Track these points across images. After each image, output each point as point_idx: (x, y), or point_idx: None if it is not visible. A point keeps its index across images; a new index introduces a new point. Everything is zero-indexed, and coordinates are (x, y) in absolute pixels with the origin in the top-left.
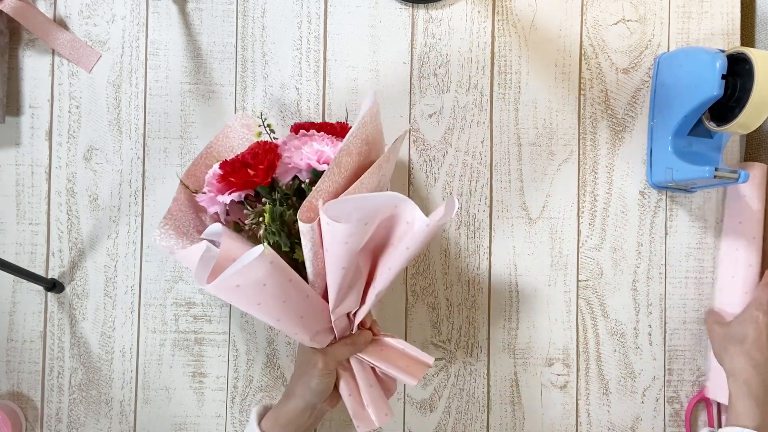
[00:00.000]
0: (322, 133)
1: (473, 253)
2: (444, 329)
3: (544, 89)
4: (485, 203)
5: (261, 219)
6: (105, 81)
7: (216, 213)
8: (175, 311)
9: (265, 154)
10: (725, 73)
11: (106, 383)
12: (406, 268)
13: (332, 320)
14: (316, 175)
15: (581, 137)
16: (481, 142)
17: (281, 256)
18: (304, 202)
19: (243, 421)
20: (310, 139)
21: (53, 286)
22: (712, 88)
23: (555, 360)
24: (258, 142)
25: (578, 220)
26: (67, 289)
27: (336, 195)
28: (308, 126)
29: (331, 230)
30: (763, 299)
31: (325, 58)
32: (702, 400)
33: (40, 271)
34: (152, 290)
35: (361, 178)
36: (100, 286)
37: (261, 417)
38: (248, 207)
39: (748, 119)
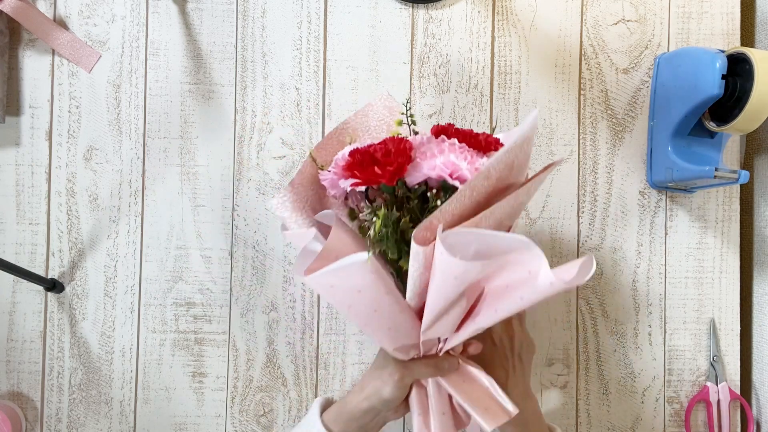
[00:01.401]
0: (463, 145)
1: None
2: None
3: (544, 89)
4: None
5: (374, 218)
6: (105, 81)
7: (335, 195)
8: (175, 311)
9: (397, 154)
10: (725, 73)
11: (106, 383)
12: None
13: (420, 340)
14: (444, 187)
15: (581, 137)
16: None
17: (386, 262)
18: (424, 221)
19: (243, 421)
20: (449, 149)
21: (53, 286)
22: (712, 88)
23: (555, 360)
24: (393, 136)
25: (578, 220)
26: (67, 289)
27: (461, 218)
28: (450, 131)
29: (443, 261)
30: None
31: (325, 58)
32: (702, 400)
33: (40, 271)
34: (152, 290)
35: (492, 208)
36: (100, 286)
37: (323, 408)
38: (367, 199)
39: (748, 119)
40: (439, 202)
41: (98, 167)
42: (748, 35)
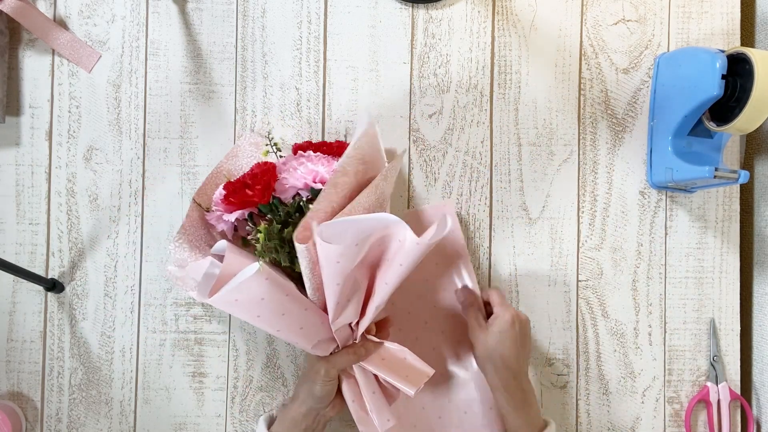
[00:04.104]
0: (318, 153)
1: (473, 253)
2: None
3: (544, 89)
4: (485, 203)
5: (258, 235)
6: (105, 81)
7: (223, 230)
8: (175, 311)
9: (262, 175)
10: (725, 73)
11: (106, 383)
12: None
13: (333, 330)
14: (314, 193)
15: (581, 137)
16: (481, 142)
17: (282, 270)
18: (300, 222)
19: (243, 421)
20: (306, 159)
21: (53, 286)
22: (712, 88)
23: (555, 360)
24: (258, 162)
25: (578, 220)
26: (67, 289)
27: (334, 214)
28: (306, 146)
29: (324, 250)
30: (503, 302)
31: (325, 58)
32: (702, 400)
33: (40, 271)
34: (152, 290)
35: (357, 198)
36: (100, 286)
37: (269, 424)
38: (252, 224)
39: (748, 119)
40: (311, 206)
41: (98, 167)
42: (748, 35)
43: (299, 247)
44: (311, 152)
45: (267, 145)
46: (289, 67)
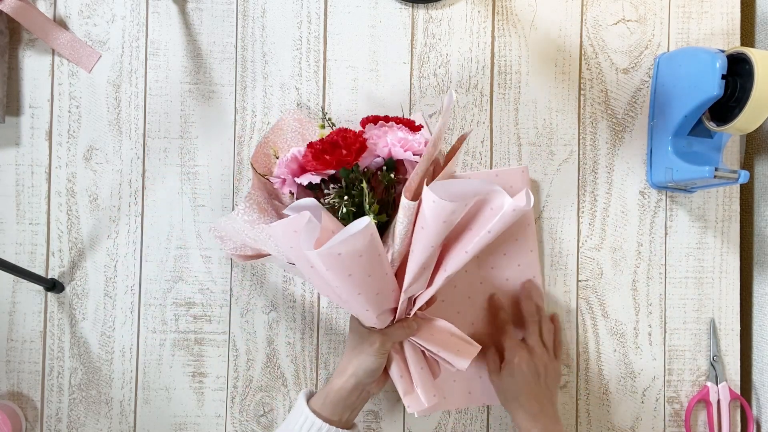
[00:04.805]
0: (400, 124)
1: None
2: None
3: (544, 89)
4: None
5: (345, 198)
6: (105, 81)
7: (290, 191)
8: (175, 311)
9: (354, 137)
10: (725, 73)
11: (106, 383)
12: None
13: (400, 300)
14: (390, 163)
15: (581, 137)
16: (481, 142)
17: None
18: (409, 181)
19: (243, 421)
20: (390, 129)
21: (53, 286)
22: (712, 88)
23: None
24: (339, 128)
25: (578, 220)
26: (67, 289)
27: (424, 179)
28: (374, 119)
29: (436, 208)
30: (513, 344)
31: (325, 58)
32: (702, 400)
33: (40, 271)
34: (152, 290)
35: (445, 170)
36: (100, 286)
37: (308, 398)
38: (327, 188)
39: (748, 119)
40: (392, 176)
41: (98, 167)
42: (748, 35)
43: (407, 204)
44: (393, 123)
45: (323, 119)
46: (289, 67)
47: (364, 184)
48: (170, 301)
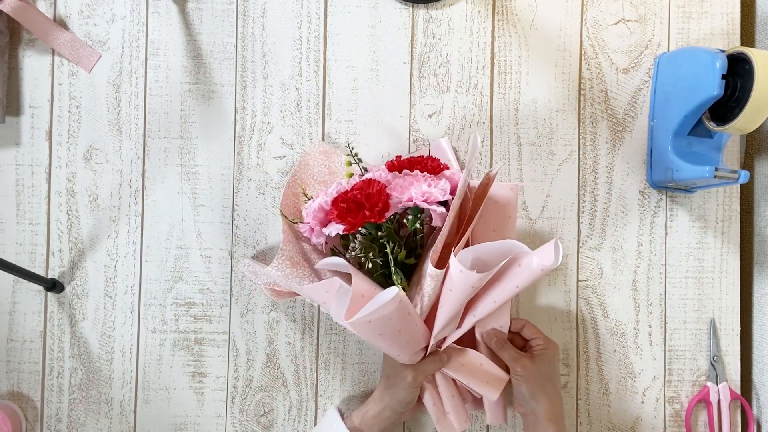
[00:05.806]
0: (425, 173)
1: None
2: None
3: (544, 89)
4: None
5: (371, 255)
6: (105, 81)
7: (321, 242)
8: (175, 311)
9: (378, 195)
10: (725, 73)
11: (106, 383)
12: None
13: (430, 343)
14: (415, 211)
15: (581, 137)
16: (481, 142)
17: (367, 273)
18: (434, 249)
19: (243, 421)
20: (414, 179)
21: (53, 286)
22: (712, 88)
23: None
24: (365, 180)
25: (578, 220)
26: (67, 289)
27: (460, 237)
28: (400, 164)
29: (463, 276)
30: (508, 357)
31: (325, 58)
32: (702, 400)
33: (40, 271)
34: (152, 290)
35: (475, 221)
36: (100, 286)
37: (341, 415)
38: (354, 241)
39: (748, 119)
40: (417, 225)
41: (98, 167)
42: (748, 35)
43: (434, 272)
44: (418, 171)
45: (348, 155)
46: (289, 67)
47: (388, 249)
48: (170, 301)
